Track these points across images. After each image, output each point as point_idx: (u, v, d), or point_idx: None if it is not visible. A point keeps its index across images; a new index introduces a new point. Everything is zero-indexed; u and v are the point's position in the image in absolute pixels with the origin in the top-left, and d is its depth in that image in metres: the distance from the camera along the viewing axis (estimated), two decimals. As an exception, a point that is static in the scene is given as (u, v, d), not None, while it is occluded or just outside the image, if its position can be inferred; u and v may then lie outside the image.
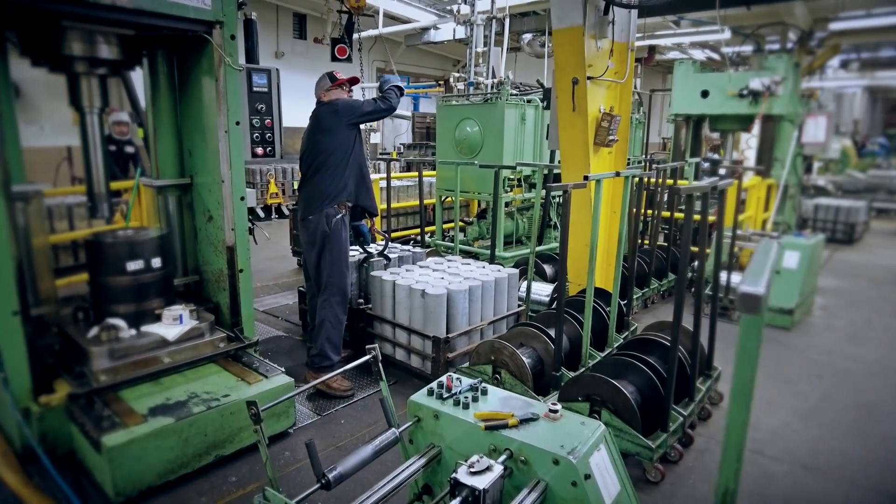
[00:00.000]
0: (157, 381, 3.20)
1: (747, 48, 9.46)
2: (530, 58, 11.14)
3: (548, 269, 5.70)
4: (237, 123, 3.48)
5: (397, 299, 4.11)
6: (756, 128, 7.47)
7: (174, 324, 3.35)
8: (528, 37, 10.69)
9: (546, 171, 5.90)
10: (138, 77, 3.88)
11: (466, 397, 2.06)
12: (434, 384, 2.15)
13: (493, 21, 7.14)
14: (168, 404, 2.95)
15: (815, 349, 4.84)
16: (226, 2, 3.31)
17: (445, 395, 2.07)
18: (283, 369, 3.34)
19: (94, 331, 3.20)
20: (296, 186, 11.71)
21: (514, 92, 6.21)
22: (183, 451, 2.84)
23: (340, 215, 3.73)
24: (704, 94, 7.80)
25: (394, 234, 6.81)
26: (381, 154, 16.44)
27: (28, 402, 2.91)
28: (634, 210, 4.61)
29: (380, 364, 2.01)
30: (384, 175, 6.30)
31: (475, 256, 6.31)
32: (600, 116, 4.45)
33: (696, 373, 3.36)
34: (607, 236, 4.79)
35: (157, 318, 3.38)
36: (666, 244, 6.21)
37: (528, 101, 6.16)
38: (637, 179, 4.77)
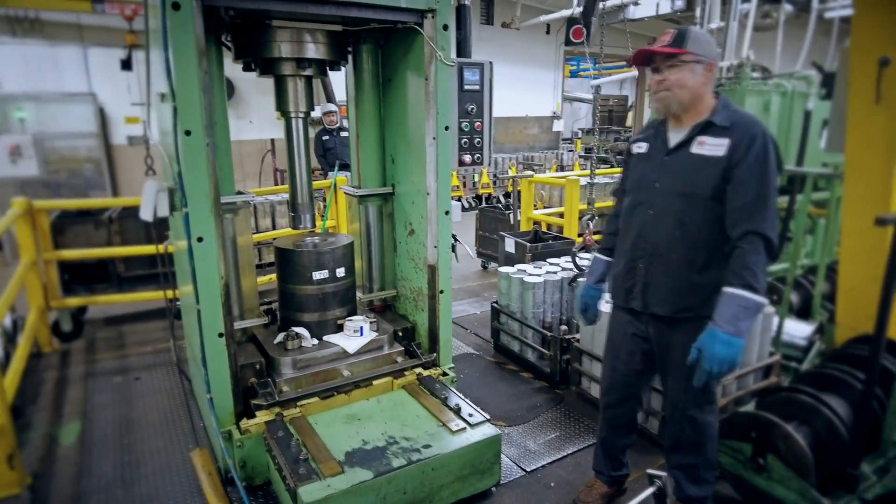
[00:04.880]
0: (345, 404, 3.00)
1: None
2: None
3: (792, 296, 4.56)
4: (446, 128, 3.03)
5: (616, 335, 3.40)
6: None
7: (354, 335, 3.18)
8: (745, 7, 9.01)
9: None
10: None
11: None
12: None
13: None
14: (365, 450, 2.62)
15: None
16: (438, -16, 2.85)
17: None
18: (487, 416, 2.84)
19: (279, 338, 3.12)
20: (501, 179, 11.24)
21: (756, 75, 5.04)
22: (379, 510, 2.49)
23: None
24: None
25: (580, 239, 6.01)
26: (564, 141, 15.51)
27: (230, 425, 2.77)
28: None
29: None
30: (586, 171, 5.55)
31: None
32: (907, 108, 3.26)
33: None
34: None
35: (339, 329, 3.23)
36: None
37: (775, 87, 4.95)
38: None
